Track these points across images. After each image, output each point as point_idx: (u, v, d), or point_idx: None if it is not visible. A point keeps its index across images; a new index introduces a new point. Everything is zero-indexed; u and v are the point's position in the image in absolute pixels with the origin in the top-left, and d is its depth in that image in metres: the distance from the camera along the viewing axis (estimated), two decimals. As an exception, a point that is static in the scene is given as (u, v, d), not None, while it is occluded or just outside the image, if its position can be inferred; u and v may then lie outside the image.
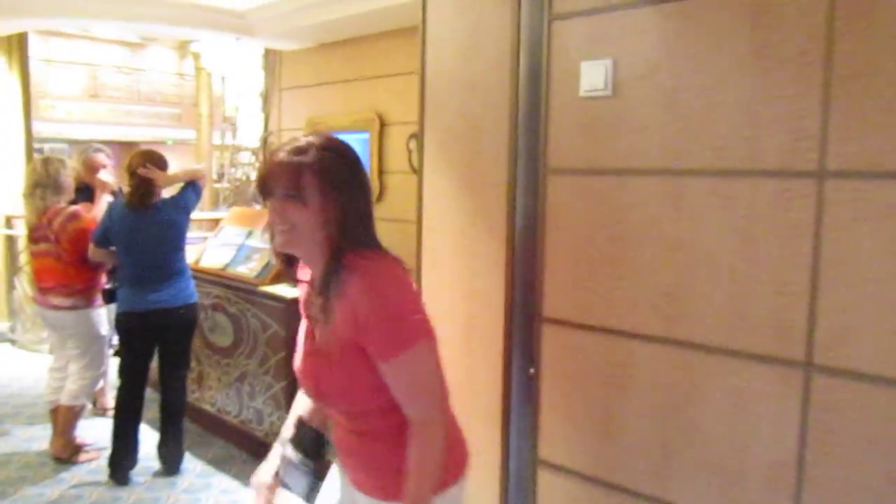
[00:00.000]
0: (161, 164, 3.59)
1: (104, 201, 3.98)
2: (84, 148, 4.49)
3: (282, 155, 1.53)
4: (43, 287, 3.81)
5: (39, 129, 8.76)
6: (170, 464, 3.74)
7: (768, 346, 1.79)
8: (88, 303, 3.81)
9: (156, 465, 3.74)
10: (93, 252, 3.65)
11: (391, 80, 5.33)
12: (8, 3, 5.40)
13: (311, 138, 1.56)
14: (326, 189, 1.50)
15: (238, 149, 7.81)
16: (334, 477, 1.78)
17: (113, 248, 3.61)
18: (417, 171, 2.59)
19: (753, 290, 1.80)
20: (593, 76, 2.04)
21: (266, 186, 1.53)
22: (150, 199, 3.53)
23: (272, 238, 1.56)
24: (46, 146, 12.73)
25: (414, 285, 1.60)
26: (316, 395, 1.65)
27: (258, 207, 5.78)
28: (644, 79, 1.96)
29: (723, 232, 1.85)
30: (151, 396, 3.86)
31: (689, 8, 1.86)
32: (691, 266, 1.91)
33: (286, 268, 1.67)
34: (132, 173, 3.53)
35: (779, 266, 1.76)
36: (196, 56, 12.78)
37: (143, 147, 4.56)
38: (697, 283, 1.90)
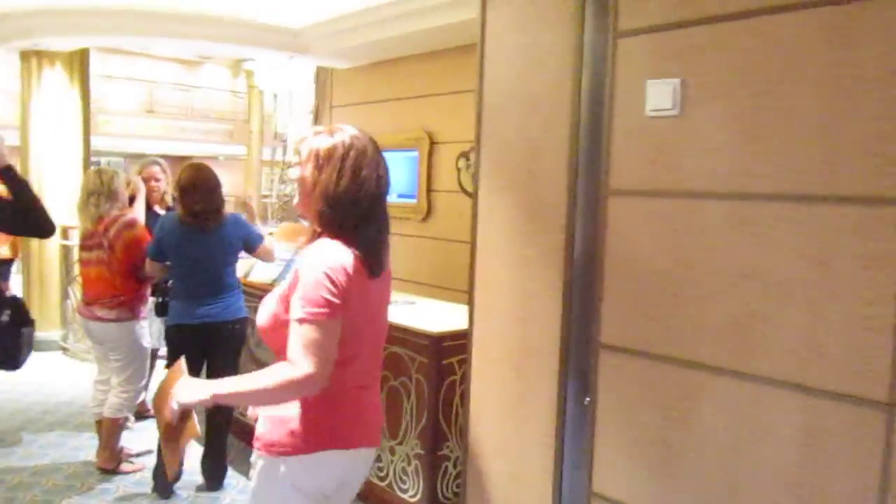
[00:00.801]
0: (214, 180, 3.58)
1: (140, 203, 4.17)
2: (142, 161, 4.60)
3: (306, 132, 1.83)
4: (88, 298, 3.83)
5: (97, 143, 9.00)
6: (213, 479, 3.72)
7: (846, 384, 1.67)
8: (133, 315, 3.81)
9: (199, 479, 3.74)
10: (149, 266, 3.65)
11: (442, 98, 5.32)
12: (73, 21, 5.57)
13: (336, 125, 1.80)
14: (315, 165, 1.74)
15: (287, 165, 7.91)
16: None
17: (168, 262, 3.62)
18: (472, 190, 2.54)
19: (830, 322, 1.70)
20: (660, 95, 1.96)
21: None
22: (212, 223, 3.53)
23: None
24: (103, 160, 13.12)
25: (348, 278, 1.71)
26: (259, 331, 1.88)
27: (306, 223, 5.80)
28: (714, 98, 1.88)
29: (796, 259, 1.75)
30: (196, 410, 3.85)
31: (764, 25, 1.78)
32: (761, 294, 1.81)
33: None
34: (182, 188, 3.53)
35: (859, 298, 1.65)
36: (249, 74, 13.07)
37: (195, 161, 4.62)
38: (768, 312, 1.80)
